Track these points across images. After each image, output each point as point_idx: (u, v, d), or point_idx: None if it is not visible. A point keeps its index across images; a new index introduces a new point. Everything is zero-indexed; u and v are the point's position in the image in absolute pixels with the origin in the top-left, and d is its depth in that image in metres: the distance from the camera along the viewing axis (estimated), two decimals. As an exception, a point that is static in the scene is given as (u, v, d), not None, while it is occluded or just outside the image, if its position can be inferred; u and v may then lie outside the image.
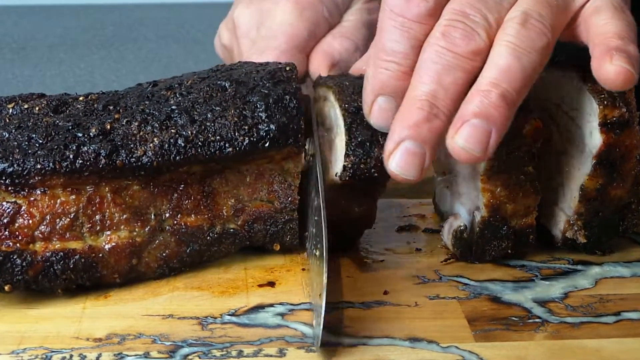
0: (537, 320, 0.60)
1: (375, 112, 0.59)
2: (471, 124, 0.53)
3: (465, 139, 0.53)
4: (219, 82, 0.65)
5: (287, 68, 0.67)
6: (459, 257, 0.67)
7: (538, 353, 0.56)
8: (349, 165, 0.62)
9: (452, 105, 0.54)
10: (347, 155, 0.63)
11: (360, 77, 0.63)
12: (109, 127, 0.61)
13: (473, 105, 0.53)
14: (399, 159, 0.54)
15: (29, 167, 0.59)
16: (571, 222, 0.66)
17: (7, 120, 0.61)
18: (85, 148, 0.59)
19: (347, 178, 0.63)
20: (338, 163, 0.64)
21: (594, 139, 0.62)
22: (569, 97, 0.65)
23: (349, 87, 0.65)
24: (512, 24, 0.55)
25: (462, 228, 0.66)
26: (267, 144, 0.62)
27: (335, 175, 0.63)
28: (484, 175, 0.63)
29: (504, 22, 0.56)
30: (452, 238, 0.67)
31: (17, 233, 0.59)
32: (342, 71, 0.76)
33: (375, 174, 0.62)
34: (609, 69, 0.54)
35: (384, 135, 0.57)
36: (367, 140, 0.62)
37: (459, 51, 0.55)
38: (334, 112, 0.66)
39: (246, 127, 0.62)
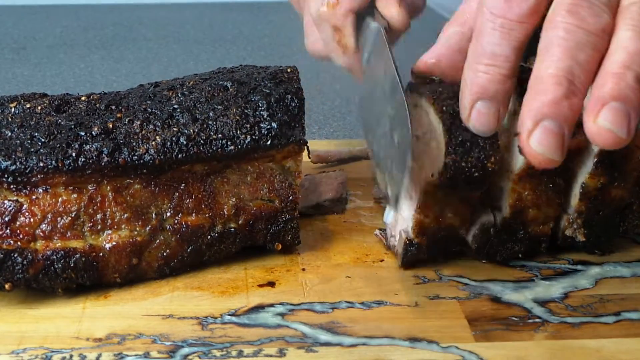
0: (537, 320, 0.60)
1: (474, 116, 0.56)
2: (611, 107, 0.50)
3: (610, 121, 0.50)
4: (220, 83, 0.65)
5: (289, 70, 0.67)
6: (474, 253, 0.66)
7: (538, 353, 0.56)
8: (450, 163, 0.60)
9: (588, 83, 0.52)
10: (447, 154, 0.60)
11: (452, 84, 0.62)
12: (111, 126, 0.61)
13: (608, 88, 0.51)
14: (541, 138, 0.51)
15: (31, 165, 0.59)
16: (571, 220, 0.66)
17: (10, 119, 0.61)
18: (88, 146, 0.60)
19: (447, 176, 0.60)
20: (434, 165, 0.62)
21: None
22: None
23: (442, 92, 0.63)
24: (635, 8, 0.53)
25: (488, 225, 0.65)
26: (268, 142, 0.62)
27: (432, 176, 0.62)
28: (517, 176, 0.63)
29: (622, 6, 0.55)
30: (477, 230, 0.66)
31: (18, 231, 0.59)
32: (408, 8, 0.74)
33: (476, 174, 0.60)
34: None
35: (484, 137, 0.58)
36: (468, 140, 0.60)
37: (590, 28, 0.52)
38: (427, 118, 0.64)
39: (248, 126, 0.62)
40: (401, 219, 0.67)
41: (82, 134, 0.60)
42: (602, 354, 0.56)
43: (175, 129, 0.61)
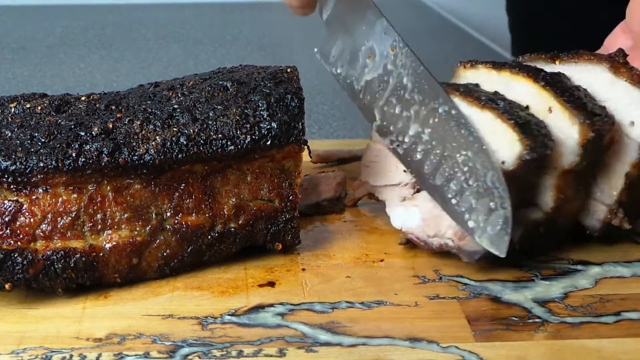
0: (537, 320, 0.60)
1: None
2: None
3: None
4: (220, 83, 0.65)
5: (289, 70, 0.67)
6: (518, 247, 0.64)
7: (538, 353, 0.56)
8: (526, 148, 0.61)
9: None
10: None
11: None
12: (111, 126, 0.61)
13: None
14: None
15: (31, 165, 0.59)
16: (615, 211, 0.67)
17: (10, 119, 0.61)
18: (88, 146, 0.60)
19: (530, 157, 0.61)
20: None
21: (637, 127, 0.65)
22: (595, 88, 0.67)
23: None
24: None
25: (535, 223, 0.65)
26: (268, 142, 0.62)
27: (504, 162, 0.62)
28: (561, 172, 0.64)
29: None
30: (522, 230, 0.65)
31: (18, 231, 0.59)
32: None
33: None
34: None
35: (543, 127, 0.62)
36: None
37: None
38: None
39: (248, 126, 0.62)
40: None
41: (82, 134, 0.60)
42: (602, 354, 0.56)
43: (175, 129, 0.61)
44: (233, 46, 1.66)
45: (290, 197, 0.65)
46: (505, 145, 0.62)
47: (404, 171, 0.69)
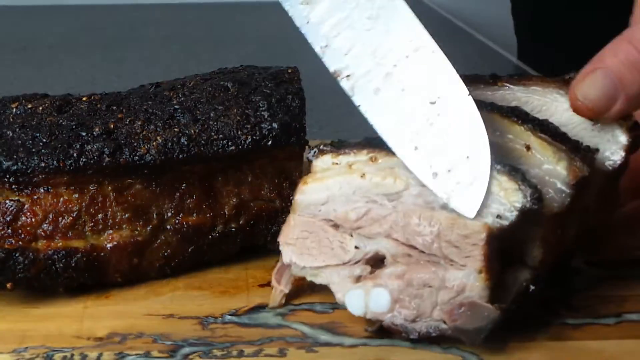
0: (538, 321, 0.60)
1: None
2: None
3: None
4: (221, 83, 0.65)
5: (290, 70, 0.67)
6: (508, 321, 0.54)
7: (539, 354, 0.56)
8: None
9: None
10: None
11: None
12: (112, 126, 0.61)
13: None
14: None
15: (33, 165, 0.59)
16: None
17: (11, 120, 0.61)
18: (89, 147, 0.60)
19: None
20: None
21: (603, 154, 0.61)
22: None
23: None
24: None
25: (525, 283, 0.56)
26: (269, 143, 0.63)
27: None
28: (552, 219, 0.55)
29: None
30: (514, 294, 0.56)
31: (19, 231, 0.59)
32: None
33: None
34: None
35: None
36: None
37: None
38: None
39: (249, 126, 0.62)
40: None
41: (84, 134, 0.60)
42: (604, 356, 0.56)
43: (176, 129, 0.61)
44: (234, 46, 1.66)
45: (292, 197, 0.65)
46: (497, 197, 0.53)
47: (356, 247, 0.57)
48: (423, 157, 0.54)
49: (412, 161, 0.54)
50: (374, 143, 0.57)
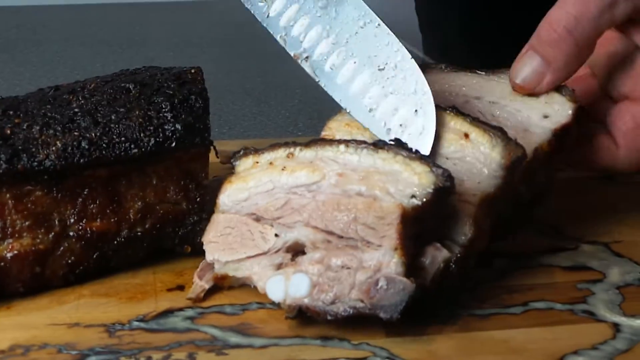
0: (446, 313, 0.60)
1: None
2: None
3: None
4: (123, 85, 0.64)
5: (193, 70, 0.66)
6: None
7: (447, 346, 0.57)
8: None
9: None
10: None
11: None
12: (9, 132, 0.59)
13: None
14: None
15: None
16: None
17: None
18: (-17, 154, 0.58)
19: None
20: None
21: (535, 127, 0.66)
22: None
23: None
24: None
25: (447, 260, 0.58)
26: (173, 144, 0.62)
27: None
28: (481, 200, 0.60)
29: None
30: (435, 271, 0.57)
31: None
32: None
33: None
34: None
35: None
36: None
37: None
38: None
39: (152, 128, 0.62)
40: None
41: (-22, 141, 0.58)
42: (511, 345, 0.57)
43: (76, 133, 0.60)
44: (142, 47, 1.64)
45: (198, 199, 0.64)
46: (411, 180, 0.56)
47: (276, 235, 0.59)
48: (379, 118, 0.63)
49: (368, 123, 0.63)
50: (288, 143, 0.61)
